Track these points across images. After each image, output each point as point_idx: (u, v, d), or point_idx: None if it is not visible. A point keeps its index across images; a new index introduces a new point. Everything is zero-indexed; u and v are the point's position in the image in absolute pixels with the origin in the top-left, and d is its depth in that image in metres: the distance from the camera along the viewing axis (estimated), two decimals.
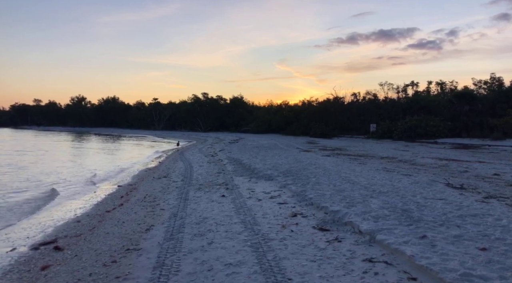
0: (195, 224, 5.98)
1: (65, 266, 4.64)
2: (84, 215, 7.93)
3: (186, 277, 3.93)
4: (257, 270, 4.02)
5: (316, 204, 6.96)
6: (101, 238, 5.74)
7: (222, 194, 8.59)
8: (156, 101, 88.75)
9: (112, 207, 8.39)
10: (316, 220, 6.06)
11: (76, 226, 6.89)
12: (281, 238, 5.10)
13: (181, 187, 9.84)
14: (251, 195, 8.31)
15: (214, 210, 6.98)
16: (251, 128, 55.16)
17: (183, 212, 6.86)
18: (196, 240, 5.15)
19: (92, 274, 4.23)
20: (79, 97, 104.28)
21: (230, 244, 4.92)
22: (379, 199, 7.10)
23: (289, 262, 4.23)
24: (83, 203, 9.50)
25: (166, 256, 4.58)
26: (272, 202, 7.53)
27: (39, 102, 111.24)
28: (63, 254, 5.20)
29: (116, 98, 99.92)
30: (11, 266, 4.95)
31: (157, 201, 8.23)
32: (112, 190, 11.28)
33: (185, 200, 7.96)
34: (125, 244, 5.24)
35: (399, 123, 35.28)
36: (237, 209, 6.96)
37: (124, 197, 9.54)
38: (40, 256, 5.27)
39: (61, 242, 5.81)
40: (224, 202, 7.71)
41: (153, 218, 6.68)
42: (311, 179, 9.79)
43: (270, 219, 6.18)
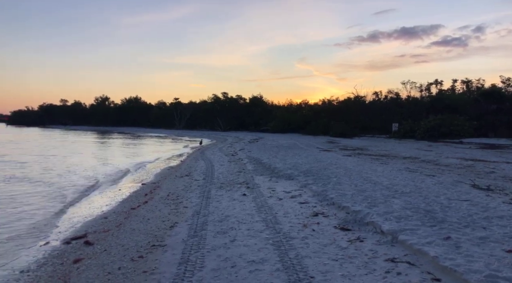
0: (217, 222, 6.11)
1: (95, 260, 4.86)
2: (110, 212, 8.21)
3: (210, 273, 4.04)
4: (279, 267, 4.09)
5: (338, 204, 6.96)
6: (128, 234, 5.95)
7: (243, 192, 8.70)
8: (177, 101, 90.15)
9: (137, 204, 8.64)
10: (337, 219, 6.08)
11: (104, 222, 7.16)
12: (302, 237, 5.15)
13: (203, 185, 10.03)
14: (272, 194, 8.39)
15: (236, 208, 7.10)
16: (270, 127, 55.17)
17: (205, 210, 7.01)
18: (219, 238, 5.27)
19: (121, 268, 4.42)
20: (102, 97, 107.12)
21: (252, 242, 5.01)
22: (402, 199, 7.03)
23: (311, 260, 4.28)
24: (109, 200, 9.82)
25: (191, 252, 4.72)
26: (293, 201, 7.59)
27: (65, 102, 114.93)
28: (93, 249, 5.43)
29: (138, 98, 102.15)
30: (45, 259, 5.22)
31: (180, 199, 8.43)
32: (136, 188, 11.60)
33: (207, 198, 8.12)
34: (150, 240, 5.42)
35: (422, 123, 34.50)
36: (258, 208, 7.05)
37: (148, 194, 9.80)
38: (72, 250, 5.52)
39: (90, 237, 6.07)
40: (245, 200, 7.82)
41: (177, 215, 6.86)
42: (332, 178, 9.77)
43: (291, 218, 6.24)
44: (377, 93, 50.29)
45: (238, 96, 78.44)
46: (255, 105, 71.00)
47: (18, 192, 10.76)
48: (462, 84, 47.51)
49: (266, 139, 35.36)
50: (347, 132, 39.18)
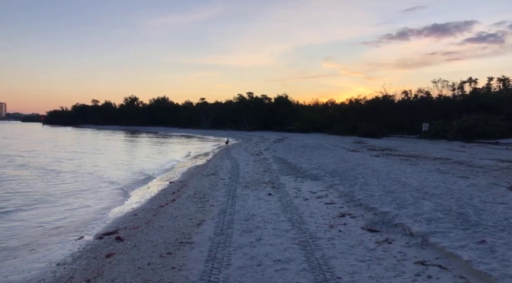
0: (243, 221, 6.16)
1: (126, 255, 5.02)
2: (140, 209, 8.46)
3: (237, 270, 4.09)
4: (305, 267, 4.08)
5: (365, 205, 6.85)
6: (157, 231, 6.11)
7: (268, 192, 8.72)
8: (203, 101, 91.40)
9: (165, 202, 8.85)
10: (365, 220, 5.99)
11: (134, 219, 7.38)
12: (329, 238, 5.11)
13: (228, 184, 10.13)
14: (297, 194, 8.36)
15: (261, 207, 7.13)
16: (296, 127, 54.84)
17: (231, 209, 7.08)
18: (245, 236, 5.32)
19: (150, 264, 4.54)
20: (131, 98, 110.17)
21: (278, 241, 5.02)
22: (432, 201, 6.82)
23: (337, 261, 4.24)
24: (138, 198, 10.11)
25: (217, 250, 4.79)
26: (319, 202, 7.53)
27: (96, 102, 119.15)
28: (124, 244, 5.62)
29: (166, 98, 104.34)
30: (80, 253, 5.46)
31: (206, 197, 8.56)
32: (164, 186, 11.88)
33: (233, 197, 8.20)
34: (178, 237, 5.54)
35: (455, 123, 33.21)
36: (284, 208, 7.05)
37: (176, 193, 10.01)
38: (104, 245, 5.74)
39: (121, 233, 6.28)
40: (270, 200, 7.83)
41: (204, 213, 6.97)
42: (359, 179, 9.61)
43: (317, 218, 6.20)
44: (406, 92, 48.93)
45: (263, 96, 78.56)
46: (280, 105, 70.83)
47: (54, 188, 11.28)
48: (498, 82, 45.23)
49: (291, 139, 35.20)
50: (375, 132, 38.33)
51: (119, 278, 4.16)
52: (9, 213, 8.19)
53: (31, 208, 8.74)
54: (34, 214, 8.17)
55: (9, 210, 8.47)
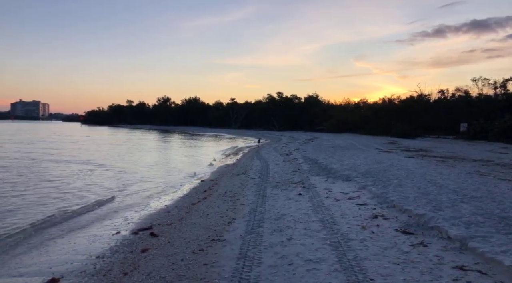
0: (273, 220, 6.18)
1: (160, 251, 5.19)
2: (172, 206, 8.69)
3: (268, 269, 4.11)
4: (337, 268, 4.04)
5: (399, 207, 6.67)
6: (189, 227, 6.26)
7: (299, 192, 8.68)
8: (233, 101, 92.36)
9: (197, 200, 9.04)
10: (398, 222, 5.83)
11: (167, 216, 7.60)
12: (361, 239, 5.02)
13: (258, 184, 10.18)
14: (328, 195, 8.27)
15: (292, 207, 7.11)
16: (326, 127, 54.14)
17: (261, 208, 7.12)
18: (275, 235, 5.33)
19: (183, 260, 4.67)
20: (164, 98, 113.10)
21: (309, 241, 5.00)
22: (471, 204, 6.53)
23: (370, 263, 4.16)
24: (171, 196, 10.39)
25: (248, 248, 4.83)
26: (350, 203, 7.41)
27: (131, 103, 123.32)
28: (158, 240, 5.80)
29: (197, 98, 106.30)
30: (117, 247, 5.69)
31: (237, 196, 8.65)
32: (195, 184, 12.13)
33: (263, 197, 8.24)
34: (210, 235, 5.65)
35: (497, 123, 31.50)
36: (315, 208, 6.99)
37: (207, 191, 10.19)
38: (139, 240, 5.95)
39: (155, 229, 6.49)
40: (301, 200, 7.80)
41: (234, 212, 7.06)
42: (393, 180, 9.36)
43: (349, 219, 6.11)
44: (443, 92, 46.97)
45: (293, 96, 78.20)
46: (311, 105, 70.20)
47: (95, 184, 11.82)
48: None
49: (321, 139, 34.79)
50: (409, 133, 37.10)
51: (154, 273, 4.30)
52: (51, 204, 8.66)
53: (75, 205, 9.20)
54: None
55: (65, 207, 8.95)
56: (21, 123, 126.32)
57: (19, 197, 9.71)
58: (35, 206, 8.80)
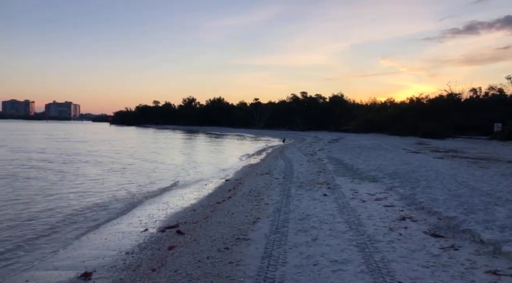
0: (298, 220, 6.16)
1: (186, 248, 5.29)
2: (198, 205, 8.83)
3: (293, 269, 4.11)
4: (363, 269, 3.98)
5: (428, 209, 6.48)
6: (214, 226, 6.34)
7: (323, 193, 8.61)
8: (257, 101, 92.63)
9: (221, 199, 9.14)
10: (427, 225, 5.67)
11: (193, 214, 7.73)
12: (388, 241, 4.93)
13: (282, 184, 10.17)
14: (354, 196, 8.15)
15: (317, 208, 7.07)
16: (352, 127, 53.32)
17: (286, 208, 7.11)
18: (300, 235, 5.32)
19: (209, 258, 4.74)
20: (189, 99, 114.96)
21: (335, 242, 4.95)
22: (506, 207, 6.26)
23: (398, 265, 4.08)
24: (196, 194, 10.55)
25: (273, 247, 4.85)
26: (377, 204, 7.28)
27: (157, 103, 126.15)
28: (184, 238, 5.92)
29: (221, 99, 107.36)
30: (145, 244, 5.86)
31: (261, 195, 8.68)
32: (220, 183, 12.26)
33: (287, 197, 8.23)
34: (235, 233, 5.70)
35: None
36: (340, 209, 6.92)
37: (232, 190, 10.29)
38: (166, 237, 6.10)
39: (182, 227, 6.62)
40: (326, 200, 7.73)
41: (259, 211, 7.09)
42: (421, 182, 9.11)
43: (375, 220, 6.00)
44: (475, 90, 45.25)
45: (317, 96, 77.57)
46: (336, 105, 69.35)
47: (121, 182, 12.18)
48: None
49: (347, 139, 34.29)
50: (439, 133, 35.91)
51: (181, 269, 4.39)
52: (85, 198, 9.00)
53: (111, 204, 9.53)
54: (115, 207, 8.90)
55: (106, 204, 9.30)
56: (56, 124, 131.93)
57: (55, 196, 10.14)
58: (54, 211, 9.16)
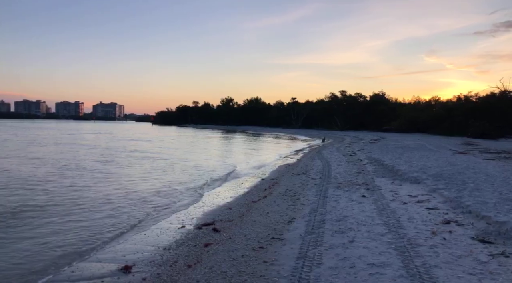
0: (335, 221, 6.03)
1: (222, 246, 5.35)
2: (234, 203, 8.91)
3: (328, 270, 4.02)
4: (403, 274, 3.81)
5: (476, 213, 6.08)
6: (249, 225, 6.37)
7: (362, 194, 8.37)
8: (294, 100, 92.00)
9: (257, 198, 9.16)
10: (475, 230, 5.32)
11: (229, 213, 7.82)
12: (431, 245, 4.68)
13: (319, 184, 10.01)
14: (394, 198, 7.84)
15: (355, 209, 6.88)
16: (394, 127, 51.38)
17: (322, 209, 6.98)
18: (336, 237, 5.20)
19: (243, 256, 4.76)
20: (227, 99, 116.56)
21: (373, 245, 4.78)
22: None
23: (441, 271, 3.85)
24: (233, 193, 10.66)
25: (308, 248, 4.77)
26: (419, 207, 6.95)
27: (196, 104, 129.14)
28: (220, 235, 5.99)
29: (258, 99, 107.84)
30: (182, 240, 6.00)
31: (297, 196, 8.60)
32: (256, 183, 12.30)
33: (324, 197, 8.08)
34: (270, 233, 5.69)
35: None
36: (379, 211, 6.68)
37: (267, 190, 10.28)
38: (202, 234, 6.21)
39: (217, 225, 6.71)
40: (364, 202, 7.51)
41: (294, 211, 7.02)
42: (469, 184, 8.58)
43: (417, 224, 5.73)
44: None
45: (357, 94, 75.54)
46: (376, 104, 67.16)
47: (164, 179, 12.59)
48: None
49: (388, 139, 33.11)
50: (490, 133, 33.66)
51: (216, 267, 4.44)
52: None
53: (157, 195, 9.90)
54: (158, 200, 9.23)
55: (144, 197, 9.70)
56: (103, 123, 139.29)
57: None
58: (100, 208, 9.60)
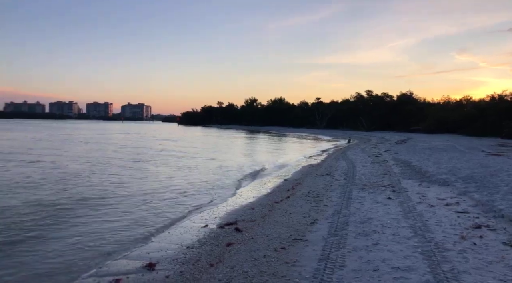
0: (359, 223, 5.92)
1: (244, 246, 5.37)
2: (256, 204, 8.92)
3: (351, 273, 3.95)
4: (429, 279, 3.69)
5: (509, 217, 5.82)
6: (272, 225, 6.36)
7: (387, 196, 8.18)
8: (318, 100, 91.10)
9: (280, 198, 9.13)
10: (508, 235, 5.08)
11: (251, 213, 7.83)
12: (459, 250, 4.51)
13: (343, 185, 9.86)
14: (421, 200, 7.61)
15: (379, 211, 6.73)
16: (422, 127, 49.89)
17: (346, 210, 6.87)
18: (360, 239, 5.10)
19: (265, 256, 4.76)
20: (251, 99, 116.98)
21: (398, 248, 4.66)
22: None
23: (470, 277, 3.70)
24: (255, 193, 10.68)
25: (331, 250, 4.71)
26: (447, 210, 6.71)
27: (221, 104, 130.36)
28: (242, 235, 6.02)
29: (282, 99, 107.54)
30: (205, 239, 6.07)
31: (320, 197, 8.51)
32: (278, 183, 12.26)
33: (348, 199, 7.96)
34: (292, 234, 5.66)
35: None
36: (405, 213, 6.50)
37: (290, 190, 10.23)
38: (225, 234, 6.26)
39: (240, 224, 6.74)
40: (390, 204, 7.33)
41: (317, 212, 6.95)
42: (502, 187, 8.20)
43: (445, 227, 5.53)
44: None
45: (384, 94, 73.88)
46: (404, 103, 65.43)
47: (190, 179, 12.78)
48: None
49: (416, 140, 32.18)
50: None
51: (238, 266, 4.47)
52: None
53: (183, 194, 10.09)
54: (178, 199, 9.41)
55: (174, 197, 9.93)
56: (131, 124, 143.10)
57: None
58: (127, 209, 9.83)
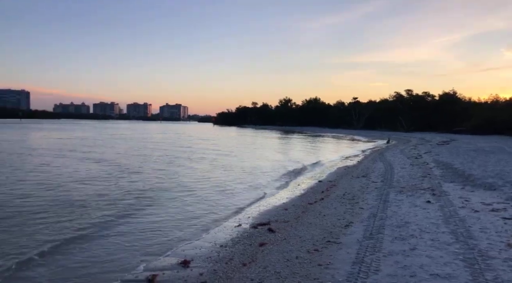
0: (395, 227, 5.74)
1: (276, 246, 5.38)
2: (290, 204, 8.88)
3: (386, 278, 3.84)
4: None
5: None
6: (305, 227, 6.31)
7: (427, 199, 7.85)
8: (355, 100, 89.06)
9: (313, 200, 9.04)
10: None
11: (284, 213, 7.82)
12: (505, 258, 4.25)
13: (380, 188, 9.59)
14: (464, 205, 7.24)
15: (418, 215, 6.48)
16: (467, 128, 47.34)
17: (382, 213, 6.68)
18: (396, 243, 4.95)
19: (298, 258, 4.74)
20: (286, 99, 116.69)
21: (437, 254, 4.47)
22: None
23: None
24: (289, 194, 10.63)
25: (366, 254, 4.61)
26: (493, 215, 6.34)
27: (255, 104, 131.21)
28: (275, 236, 6.03)
29: (317, 99, 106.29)
30: (238, 239, 6.14)
31: (355, 199, 8.33)
32: (313, 184, 12.13)
33: (384, 202, 7.73)
34: (325, 236, 5.59)
35: None
36: (446, 218, 6.22)
37: (325, 192, 10.09)
38: (258, 234, 6.30)
39: (273, 225, 6.75)
40: (429, 208, 7.04)
41: (352, 215, 6.81)
42: None
43: (490, 234, 5.23)
44: None
45: (425, 93, 70.98)
46: (446, 103, 62.46)
47: (224, 179, 13.00)
48: None
49: (459, 141, 30.59)
50: None
51: (270, 267, 4.48)
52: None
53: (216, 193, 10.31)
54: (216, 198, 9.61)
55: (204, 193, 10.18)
56: (168, 124, 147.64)
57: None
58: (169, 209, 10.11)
